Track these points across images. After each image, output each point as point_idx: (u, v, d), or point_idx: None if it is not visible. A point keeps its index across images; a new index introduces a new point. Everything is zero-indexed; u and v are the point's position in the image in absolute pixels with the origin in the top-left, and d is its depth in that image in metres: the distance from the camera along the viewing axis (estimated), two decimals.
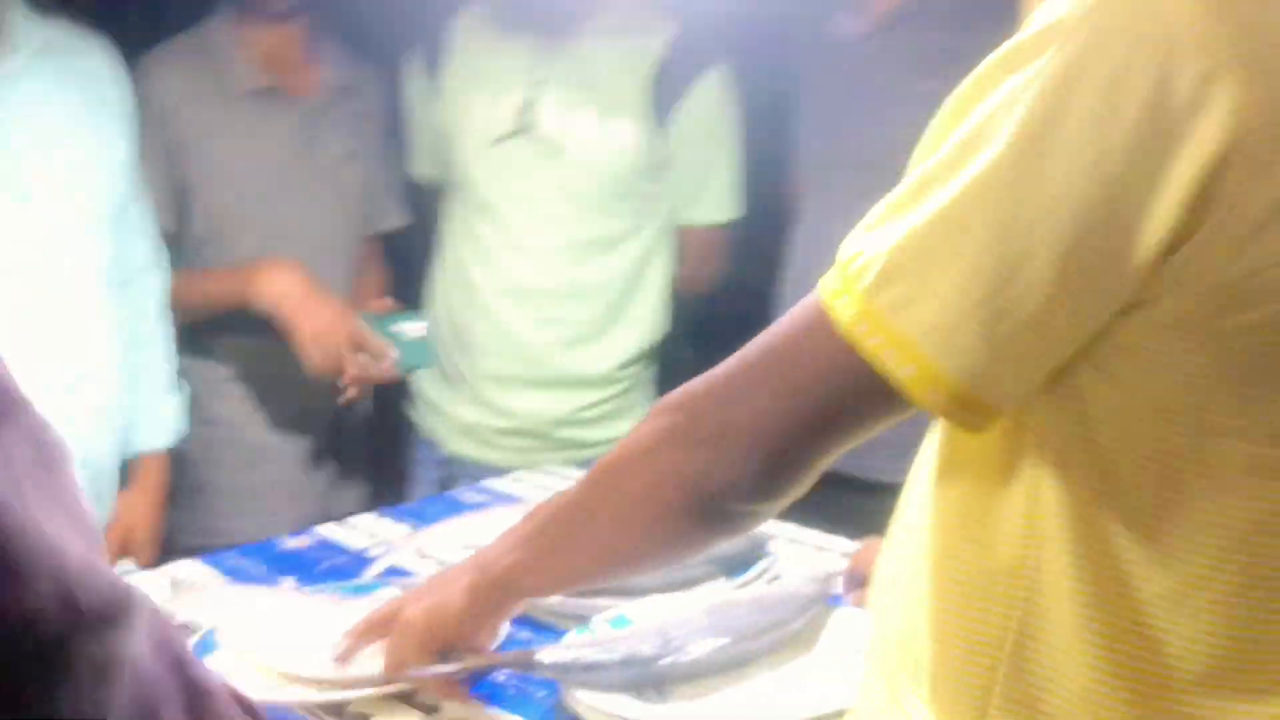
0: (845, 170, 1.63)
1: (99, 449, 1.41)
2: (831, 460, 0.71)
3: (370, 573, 1.27)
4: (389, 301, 1.81)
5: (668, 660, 0.94)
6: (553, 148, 1.72)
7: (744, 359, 0.72)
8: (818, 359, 0.67)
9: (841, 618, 1.08)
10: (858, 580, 1.15)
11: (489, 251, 1.77)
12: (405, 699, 1.00)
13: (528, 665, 0.93)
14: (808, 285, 0.69)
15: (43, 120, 1.33)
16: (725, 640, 0.97)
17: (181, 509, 1.74)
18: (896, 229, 0.63)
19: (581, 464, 1.80)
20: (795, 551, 1.35)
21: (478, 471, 1.84)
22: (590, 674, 0.93)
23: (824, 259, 0.68)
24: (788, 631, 1.02)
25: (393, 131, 1.93)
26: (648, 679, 0.94)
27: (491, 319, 1.78)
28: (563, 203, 1.74)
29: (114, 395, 1.44)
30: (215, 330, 1.75)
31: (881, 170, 0.77)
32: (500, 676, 1.02)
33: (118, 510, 1.50)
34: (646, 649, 0.94)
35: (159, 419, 1.58)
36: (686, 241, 1.88)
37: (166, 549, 1.61)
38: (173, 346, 1.63)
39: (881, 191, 0.67)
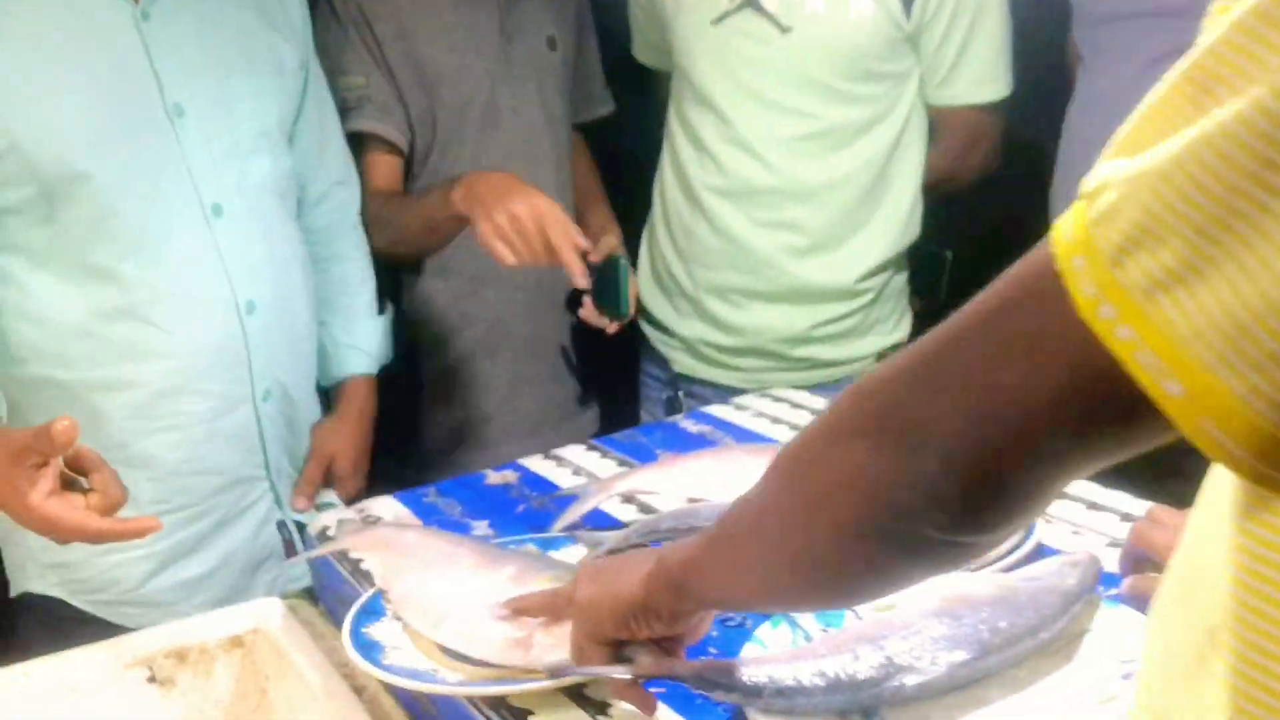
0: (1130, 27, 1.31)
1: (286, 374, 1.34)
2: (1069, 483, 0.49)
3: (561, 523, 1.12)
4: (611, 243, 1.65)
5: (889, 686, 0.75)
6: (777, 25, 1.48)
7: (952, 331, 0.50)
8: (1043, 345, 0.44)
9: (1112, 618, 0.85)
10: (1136, 560, 0.91)
11: (709, 148, 1.57)
12: (573, 694, 0.86)
13: (710, 684, 0.76)
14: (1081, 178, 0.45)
15: (199, 30, 1.23)
16: (962, 655, 0.77)
17: (397, 439, 1.67)
18: (1159, 153, 0.39)
19: (820, 386, 1.60)
20: (1061, 510, 1.11)
21: (706, 393, 1.67)
22: (788, 700, 0.74)
23: (1103, 143, 0.44)
24: (1040, 642, 0.80)
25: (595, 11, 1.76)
26: (858, 706, 0.75)
27: (713, 225, 1.59)
28: (791, 89, 1.51)
29: (298, 318, 1.36)
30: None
31: (1180, 26, 0.53)
32: None
33: (319, 439, 1.43)
34: (862, 669, 0.75)
35: (359, 343, 1.49)
36: (944, 127, 1.61)
37: (379, 480, 1.54)
38: (371, 265, 1.53)
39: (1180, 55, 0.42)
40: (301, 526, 1.39)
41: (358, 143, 1.54)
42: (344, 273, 1.50)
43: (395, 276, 1.64)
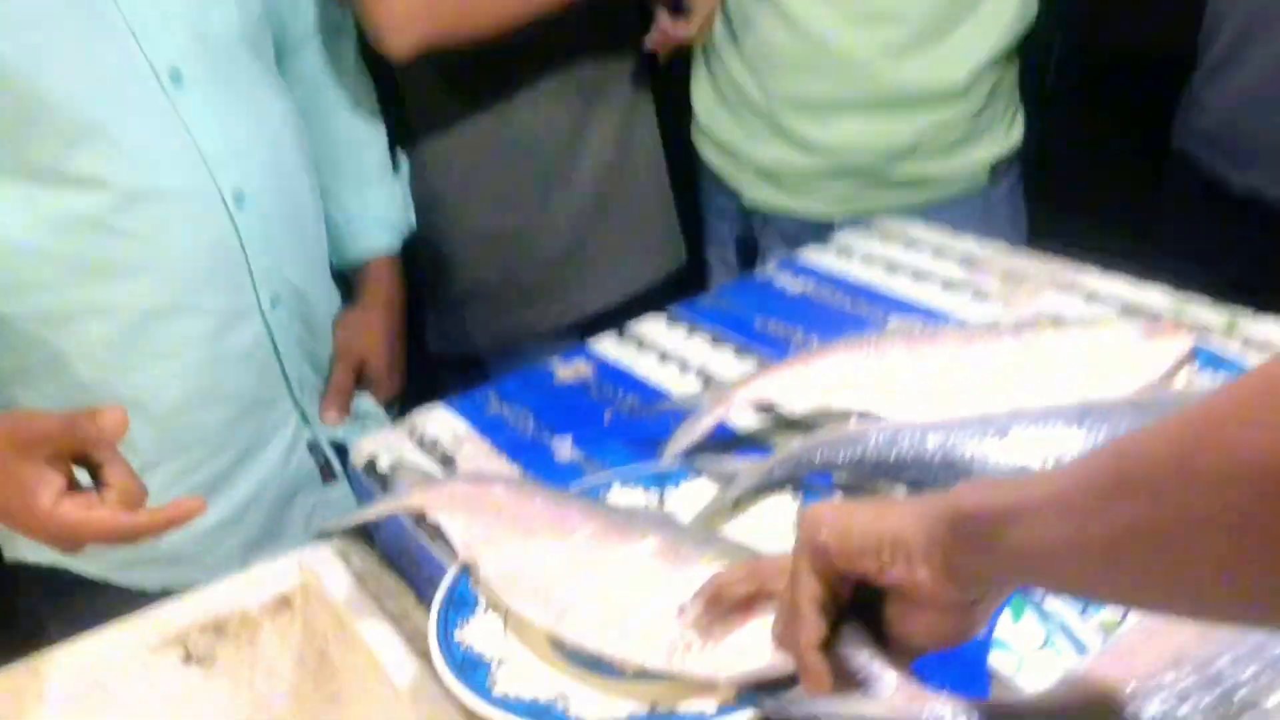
0: None
1: (295, 272, 1.08)
2: None
3: (674, 448, 0.89)
4: None
5: None
6: None
7: None
8: None
9: None
10: None
11: None
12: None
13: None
14: None
15: None
16: None
17: (429, 313, 1.42)
18: None
19: (925, 209, 1.33)
20: None
21: (787, 226, 1.41)
22: None
23: None
24: None
25: None
26: None
27: (790, 23, 1.28)
28: None
29: (301, 201, 1.09)
30: (434, 92, 1.33)
31: None
32: None
33: (344, 338, 1.19)
34: (1209, 700, 0.53)
35: (376, 213, 1.22)
36: None
37: (415, 362, 1.30)
38: (379, 114, 1.24)
39: None
40: (340, 447, 1.15)
41: None
42: (347, 127, 1.21)
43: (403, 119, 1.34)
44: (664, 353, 1.10)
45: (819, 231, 1.32)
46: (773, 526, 0.78)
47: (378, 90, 1.26)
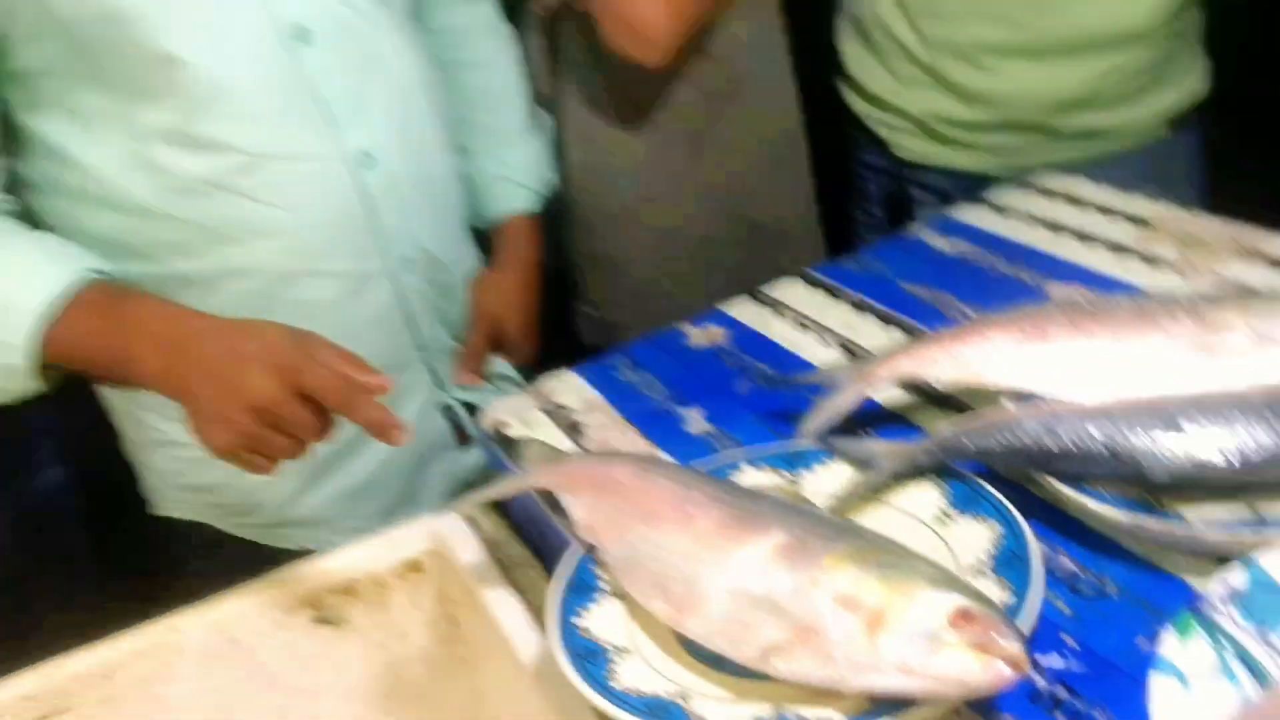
0: None
1: (428, 236, 1.05)
2: None
3: (810, 426, 0.83)
4: None
5: None
6: None
7: None
8: None
9: None
10: None
11: None
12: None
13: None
14: None
15: None
16: None
17: (578, 283, 1.38)
18: None
19: (1092, 164, 1.23)
20: None
21: (942, 183, 1.33)
22: None
23: None
24: None
25: None
26: None
27: None
28: None
29: (432, 161, 1.06)
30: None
31: None
32: None
33: (480, 299, 1.16)
34: None
35: (512, 173, 1.19)
36: None
37: (552, 326, 1.27)
38: (519, 73, 1.20)
39: None
40: (472, 408, 1.14)
41: None
42: (484, 84, 1.18)
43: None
44: (803, 319, 1.04)
45: (975, 187, 1.23)
46: (916, 516, 0.73)
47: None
